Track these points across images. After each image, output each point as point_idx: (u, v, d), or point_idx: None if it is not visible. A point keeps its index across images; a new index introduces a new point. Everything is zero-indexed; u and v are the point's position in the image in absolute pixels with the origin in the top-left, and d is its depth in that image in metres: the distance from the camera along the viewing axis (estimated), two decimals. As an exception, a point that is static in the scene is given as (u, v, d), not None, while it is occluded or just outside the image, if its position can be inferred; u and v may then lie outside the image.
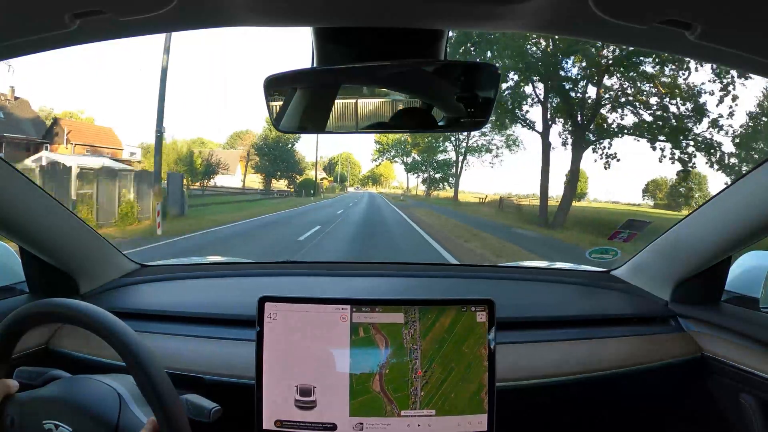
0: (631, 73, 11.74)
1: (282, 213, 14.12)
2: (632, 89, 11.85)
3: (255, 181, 29.19)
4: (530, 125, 13.51)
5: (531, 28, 0.51)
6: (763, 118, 11.61)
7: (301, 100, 0.69)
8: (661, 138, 11.48)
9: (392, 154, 34.70)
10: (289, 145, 28.82)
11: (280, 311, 0.71)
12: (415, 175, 33.46)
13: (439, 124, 0.72)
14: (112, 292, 1.09)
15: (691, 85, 11.10)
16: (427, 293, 1.18)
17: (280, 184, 29.38)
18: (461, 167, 25.69)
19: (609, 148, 12.11)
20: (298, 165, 29.98)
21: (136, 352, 0.56)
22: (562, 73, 12.46)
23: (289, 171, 29.32)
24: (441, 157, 29.63)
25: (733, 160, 11.03)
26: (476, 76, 0.67)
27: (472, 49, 12.52)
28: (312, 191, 27.22)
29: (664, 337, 1.00)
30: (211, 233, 8.85)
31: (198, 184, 21.28)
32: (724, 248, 0.95)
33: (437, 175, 30.26)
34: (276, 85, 0.67)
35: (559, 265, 1.52)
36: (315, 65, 0.64)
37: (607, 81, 12.08)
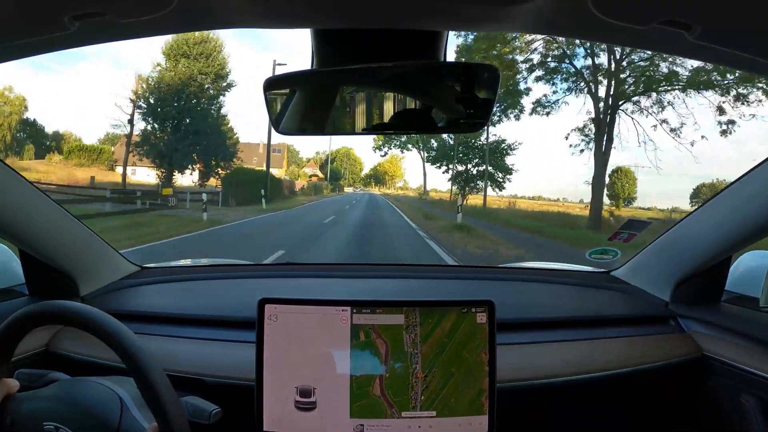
0: None
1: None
2: None
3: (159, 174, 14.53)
4: None
5: (531, 28, 0.51)
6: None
7: (301, 101, 0.69)
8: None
9: (404, 140, 24.03)
10: (214, 106, 14.84)
11: (280, 313, 0.71)
12: (442, 168, 19.32)
13: (439, 125, 0.72)
14: (112, 294, 1.09)
15: None
16: (427, 294, 1.18)
17: (189, 182, 15.02)
18: (610, 137, 10.85)
19: None
20: (225, 142, 15.26)
21: (136, 355, 0.55)
22: None
23: (211, 155, 14.83)
24: (494, 134, 16.67)
25: None
26: (476, 77, 0.67)
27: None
28: (220, 195, 13.00)
29: (664, 338, 1.00)
30: None
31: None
32: (724, 248, 0.95)
33: (481, 169, 17.35)
34: (275, 87, 0.67)
35: (559, 265, 1.52)
36: (314, 67, 0.64)
37: None
